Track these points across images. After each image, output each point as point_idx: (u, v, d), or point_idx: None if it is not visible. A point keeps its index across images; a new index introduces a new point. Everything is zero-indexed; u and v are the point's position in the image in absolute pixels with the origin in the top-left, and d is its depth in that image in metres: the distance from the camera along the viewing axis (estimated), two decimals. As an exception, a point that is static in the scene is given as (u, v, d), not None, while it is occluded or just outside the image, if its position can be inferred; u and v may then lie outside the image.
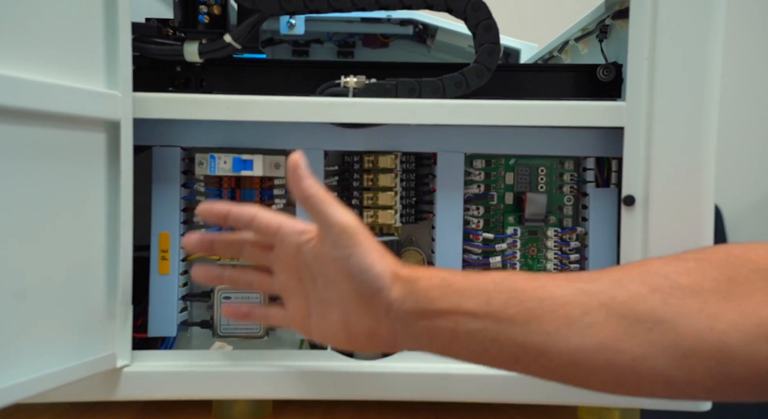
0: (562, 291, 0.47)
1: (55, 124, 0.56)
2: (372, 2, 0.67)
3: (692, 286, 0.45)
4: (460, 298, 0.48)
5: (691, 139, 0.63)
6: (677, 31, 0.63)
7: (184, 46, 0.67)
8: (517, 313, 0.47)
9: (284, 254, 0.54)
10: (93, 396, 0.63)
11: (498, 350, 0.47)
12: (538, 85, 0.73)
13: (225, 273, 0.58)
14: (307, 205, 0.52)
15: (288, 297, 0.56)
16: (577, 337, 0.46)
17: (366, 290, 0.50)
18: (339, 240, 0.50)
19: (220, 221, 0.56)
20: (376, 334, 0.51)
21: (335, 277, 0.51)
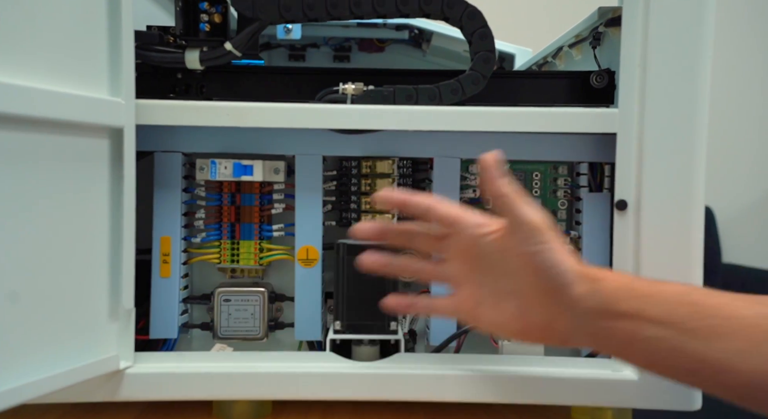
0: (747, 312, 0.47)
1: (60, 130, 0.57)
2: (370, 11, 0.68)
3: None
4: (643, 303, 0.49)
5: (681, 144, 0.64)
6: (668, 39, 0.64)
7: (185, 54, 0.68)
8: (700, 327, 0.47)
9: (459, 244, 0.56)
10: (96, 397, 0.64)
11: (675, 360, 0.48)
12: (532, 92, 0.74)
13: (394, 261, 0.60)
14: (500, 203, 0.54)
15: (459, 286, 0.58)
16: (760, 360, 0.46)
17: (551, 285, 0.52)
18: (530, 237, 0.52)
19: (397, 208, 0.59)
20: (552, 328, 0.53)
21: (518, 271, 0.53)
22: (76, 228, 0.59)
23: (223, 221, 0.71)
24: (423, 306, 0.62)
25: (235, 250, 0.72)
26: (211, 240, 0.72)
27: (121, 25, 0.61)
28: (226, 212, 0.71)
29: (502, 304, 0.55)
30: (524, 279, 0.53)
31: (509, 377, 0.66)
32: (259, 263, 0.72)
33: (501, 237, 0.55)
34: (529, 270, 0.53)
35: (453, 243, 0.57)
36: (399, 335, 0.68)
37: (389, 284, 0.68)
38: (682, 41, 0.64)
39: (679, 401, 0.64)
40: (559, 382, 0.66)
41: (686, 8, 0.64)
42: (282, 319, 0.73)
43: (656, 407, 0.65)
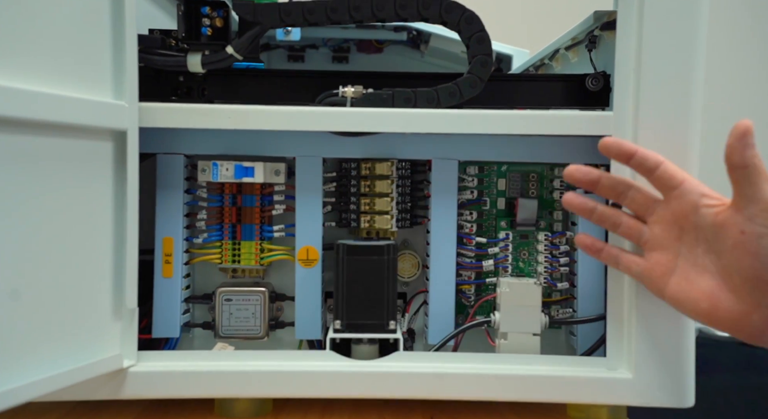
0: None
1: (64, 133, 0.58)
2: (369, 15, 0.69)
3: None
4: None
5: (675, 147, 0.65)
6: (662, 43, 0.65)
7: (187, 58, 0.69)
8: None
9: (675, 208, 0.55)
10: (100, 395, 0.65)
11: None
12: (529, 94, 0.76)
13: (598, 208, 0.61)
14: (741, 174, 0.51)
15: (655, 249, 0.56)
16: None
17: (766, 273, 0.49)
18: (759, 217, 0.49)
19: (624, 159, 0.58)
20: (746, 320, 0.51)
21: (732, 249, 0.51)
22: (80, 229, 0.60)
23: (224, 222, 0.73)
24: (611, 255, 0.61)
25: (236, 251, 0.73)
26: (212, 241, 0.73)
27: (125, 29, 0.62)
28: (228, 213, 0.72)
29: (697, 280, 0.53)
30: (736, 259, 0.51)
31: (506, 375, 0.67)
32: (260, 263, 0.73)
33: (725, 211, 0.52)
34: (745, 251, 0.50)
35: (666, 206, 0.55)
36: (398, 334, 0.69)
37: (387, 284, 0.69)
38: (676, 46, 0.65)
39: (672, 398, 0.65)
40: (555, 380, 0.67)
41: (680, 13, 0.65)
42: (282, 318, 0.75)
43: (650, 404, 0.66)
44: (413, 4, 0.69)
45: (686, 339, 0.66)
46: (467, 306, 0.74)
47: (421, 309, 0.76)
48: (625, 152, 0.58)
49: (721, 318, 0.53)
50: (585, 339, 0.71)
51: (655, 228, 0.56)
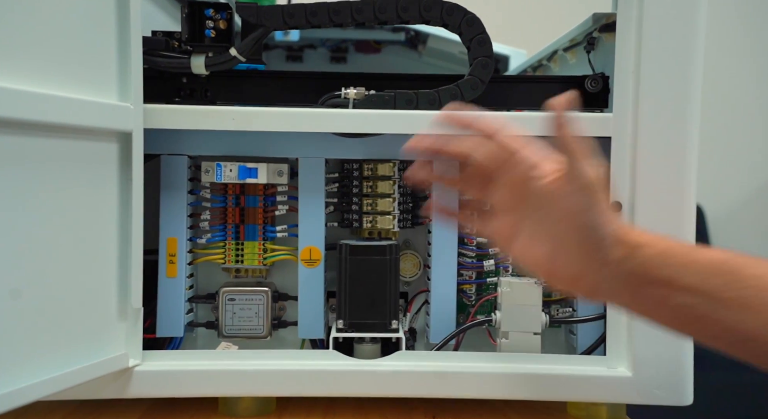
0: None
1: (71, 135, 0.58)
2: (371, 17, 0.70)
3: None
4: (677, 272, 0.49)
5: (674, 148, 0.66)
6: (661, 46, 0.66)
7: (191, 59, 0.70)
8: (732, 297, 0.48)
9: (510, 177, 0.56)
10: (106, 393, 0.65)
11: (703, 327, 0.50)
12: (528, 95, 0.76)
13: (445, 176, 0.62)
14: (563, 150, 0.53)
15: (502, 212, 0.57)
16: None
17: (589, 245, 0.52)
18: (580, 193, 0.51)
19: (462, 128, 0.59)
20: (581, 279, 0.53)
21: (560, 221, 0.53)
22: (87, 229, 0.61)
23: (227, 222, 0.73)
24: (464, 219, 0.63)
25: (239, 251, 0.73)
26: (216, 241, 0.73)
27: (130, 32, 0.63)
28: (231, 213, 0.73)
29: (537, 243, 0.55)
30: (564, 230, 0.53)
31: (507, 374, 0.68)
32: (263, 263, 0.74)
33: (552, 183, 0.54)
34: (571, 224, 0.52)
35: (507, 175, 0.57)
36: (400, 333, 0.70)
37: (389, 283, 0.69)
38: (675, 48, 0.66)
39: (671, 397, 0.66)
40: (555, 379, 0.68)
41: (679, 17, 0.66)
42: (285, 318, 0.75)
43: (649, 402, 0.67)
44: (415, 6, 0.70)
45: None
46: (468, 305, 0.75)
47: (422, 308, 0.77)
48: (462, 122, 0.59)
49: (561, 280, 0.55)
50: (585, 338, 0.72)
51: (499, 193, 0.58)
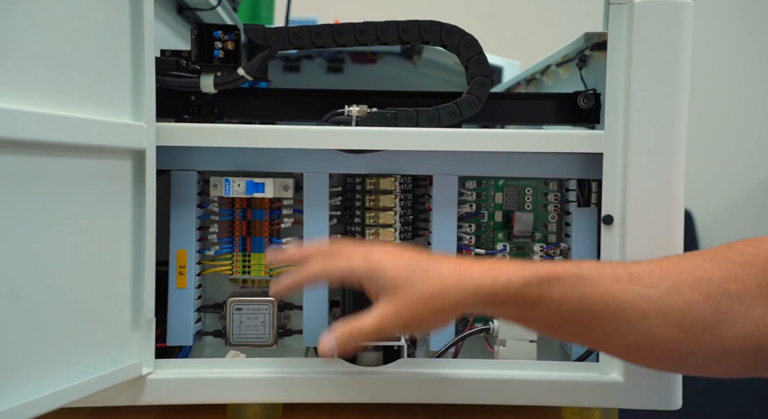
0: (625, 295, 0.54)
1: (89, 154, 0.61)
2: (373, 38, 0.73)
3: (739, 293, 0.53)
4: (532, 308, 0.56)
5: (663, 163, 0.69)
6: (650, 65, 0.69)
7: (200, 79, 0.72)
8: (583, 318, 0.55)
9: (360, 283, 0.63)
10: (120, 401, 0.68)
11: (565, 337, 0.61)
12: (524, 112, 0.80)
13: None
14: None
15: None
16: (633, 337, 0.54)
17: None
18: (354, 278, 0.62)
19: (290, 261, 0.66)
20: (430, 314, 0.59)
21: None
22: (102, 244, 0.64)
23: (235, 235, 0.76)
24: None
25: (246, 262, 0.76)
26: (223, 253, 0.76)
27: (144, 54, 0.66)
28: (238, 226, 0.76)
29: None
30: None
31: (504, 380, 0.71)
32: (269, 274, 0.76)
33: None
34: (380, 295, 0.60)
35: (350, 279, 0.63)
36: (401, 341, 0.73)
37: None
38: (663, 67, 0.69)
39: (660, 401, 0.70)
40: (550, 384, 0.71)
41: (667, 37, 0.69)
42: (290, 327, 0.78)
43: (640, 407, 0.70)
44: (415, 28, 0.73)
45: (674, 345, 0.70)
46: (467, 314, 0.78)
47: (422, 317, 0.79)
48: (286, 259, 0.68)
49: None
50: (578, 346, 0.75)
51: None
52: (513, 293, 0.56)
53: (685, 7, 0.68)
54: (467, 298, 0.56)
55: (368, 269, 0.60)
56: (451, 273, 0.57)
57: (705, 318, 0.53)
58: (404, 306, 0.57)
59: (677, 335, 0.53)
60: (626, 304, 0.54)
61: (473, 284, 0.56)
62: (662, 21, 0.68)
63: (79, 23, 0.60)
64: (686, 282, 0.54)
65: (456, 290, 0.57)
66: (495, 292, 0.56)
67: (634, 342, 0.55)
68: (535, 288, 0.56)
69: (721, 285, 0.53)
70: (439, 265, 0.58)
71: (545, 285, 0.56)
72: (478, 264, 0.58)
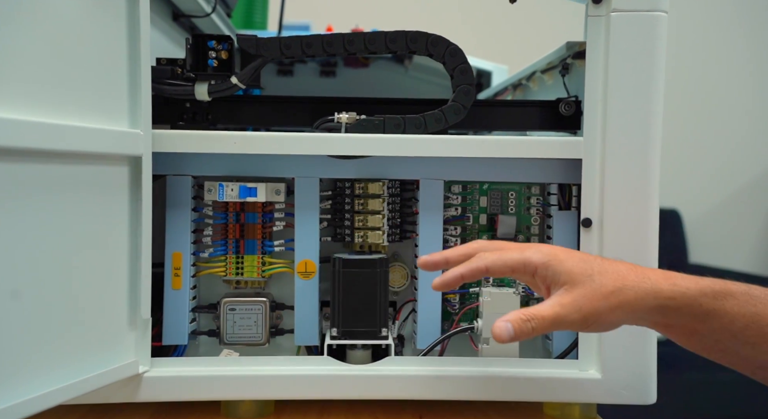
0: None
1: (87, 161, 0.64)
2: (362, 48, 0.76)
3: None
4: (705, 319, 0.57)
5: (638, 169, 0.72)
6: (626, 75, 0.72)
7: (195, 87, 0.75)
8: (752, 336, 0.56)
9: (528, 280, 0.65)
10: (118, 398, 0.71)
11: (721, 356, 0.59)
12: (508, 118, 0.82)
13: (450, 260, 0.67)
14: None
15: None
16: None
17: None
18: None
19: (443, 265, 0.66)
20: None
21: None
22: (100, 247, 0.66)
23: (228, 238, 0.78)
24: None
25: (239, 264, 0.79)
26: (217, 255, 0.79)
27: (140, 63, 0.68)
28: (232, 229, 0.78)
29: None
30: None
31: (488, 377, 0.74)
32: (262, 275, 0.79)
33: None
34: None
35: (521, 278, 0.66)
36: (389, 340, 0.75)
37: (380, 294, 0.75)
38: (638, 76, 0.72)
39: (636, 397, 0.73)
40: (532, 381, 0.74)
41: (641, 46, 0.72)
42: (282, 326, 0.81)
43: (617, 402, 0.73)
44: (402, 38, 0.76)
45: (649, 344, 0.73)
46: (452, 313, 0.81)
47: (410, 316, 0.82)
48: (439, 263, 0.67)
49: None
50: (559, 344, 0.78)
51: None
52: (690, 300, 0.56)
53: (659, 19, 0.71)
54: (645, 299, 0.57)
55: (545, 259, 0.60)
56: (629, 272, 0.58)
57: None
58: (583, 298, 0.57)
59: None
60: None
61: (651, 285, 0.57)
62: (637, 32, 0.71)
63: (77, 34, 0.63)
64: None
65: (635, 289, 0.57)
66: (672, 297, 0.56)
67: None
68: (710, 300, 0.56)
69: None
70: (616, 264, 0.59)
71: (720, 299, 0.56)
72: (652, 269, 0.59)
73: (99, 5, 0.65)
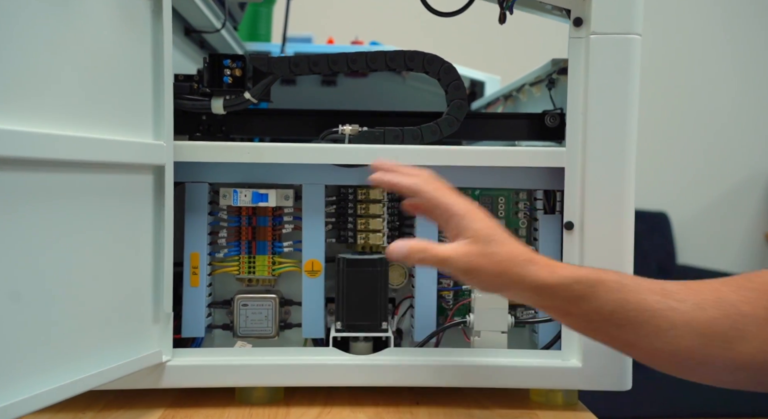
0: (657, 305, 0.63)
1: (117, 170, 0.71)
2: (364, 66, 0.83)
3: (751, 314, 0.62)
4: (578, 302, 0.64)
5: (615, 177, 0.79)
6: (604, 91, 0.79)
7: (211, 102, 0.82)
8: (620, 319, 0.63)
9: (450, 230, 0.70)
10: (143, 384, 0.78)
11: (596, 334, 0.67)
12: (499, 130, 0.90)
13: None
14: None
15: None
16: (660, 343, 0.63)
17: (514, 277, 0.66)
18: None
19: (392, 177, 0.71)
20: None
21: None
22: (127, 248, 0.73)
23: (241, 239, 0.86)
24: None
25: (251, 263, 0.86)
26: (231, 255, 0.86)
27: (164, 82, 0.76)
28: (244, 232, 0.85)
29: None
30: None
31: (479, 366, 0.81)
32: (272, 274, 0.86)
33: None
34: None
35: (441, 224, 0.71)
36: (389, 333, 0.83)
37: (380, 291, 0.82)
38: (615, 92, 0.79)
39: (614, 383, 0.80)
40: (519, 370, 0.81)
41: (617, 66, 0.78)
42: (291, 320, 0.88)
43: (596, 389, 0.80)
44: (400, 57, 0.83)
45: (625, 334, 0.80)
46: (447, 309, 0.88)
47: (408, 311, 0.89)
48: (389, 170, 0.72)
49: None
50: (544, 336, 0.85)
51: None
52: (564, 285, 0.64)
53: (633, 41, 0.78)
54: (525, 277, 0.64)
55: (463, 212, 0.67)
56: (522, 252, 0.65)
57: (724, 333, 0.61)
58: (475, 254, 0.65)
59: (698, 345, 0.61)
60: (658, 313, 0.62)
61: (535, 269, 0.64)
62: (613, 52, 0.78)
63: (109, 57, 0.70)
64: (708, 301, 0.63)
65: (520, 266, 0.64)
66: (548, 281, 0.64)
67: (660, 347, 0.63)
68: (583, 286, 0.64)
69: (736, 306, 0.62)
70: (517, 244, 0.66)
71: (591, 286, 0.64)
72: (542, 257, 0.67)
73: (128, 30, 0.72)
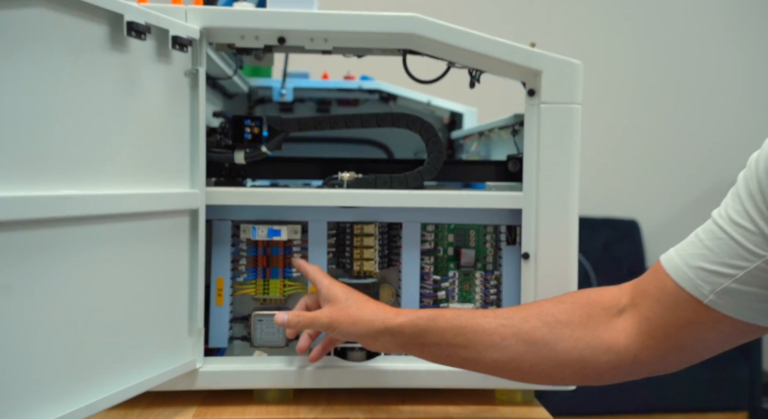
0: (489, 325, 0.81)
1: (160, 217, 0.88)
2: (358, 125, 1.01)
3: (566, 320, 0.80)
4: (423, 334, 0.83)
5: (561, 216, 0.97)
6: (551, 146, 0.97)
7: (234, 154, 1.00)
8: (461, 341, 0.81)
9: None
10: (180, 387, 0.95)
11: (449, 361, 0.84)
12: (471, 173, 1.08)
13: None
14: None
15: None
16: (498, 354, 0.80)
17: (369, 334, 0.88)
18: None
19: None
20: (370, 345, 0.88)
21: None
22: (169, 277, 0.91)
23: (258, 266, 1.03)
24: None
25: (266, 286, 1.03)
26: (249, 279, 1.03)
27: (199, 140, 0.93)
28: (260, 260, 1.03)
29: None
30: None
31: (454, 371, 0.97)
32: (283, 294, 1.04)
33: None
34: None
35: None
36: (380, 343, 1.00)
37: (373, 308, 1.00)
38: (560, 149, 0.97)
39: (561, 384, 0.98)
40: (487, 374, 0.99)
41: (562, 127, 0.97)
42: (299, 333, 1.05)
43: (545, 388, 0.98)
44: (389, 118, 1.01)
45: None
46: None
47: (395, 324, 1.07)
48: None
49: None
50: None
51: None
52: (408, 322, 0.83)
53: (575, 109, 0.96)
54: (375, 320, 0.84)
55: (329, 283, 0.92)
56: (375, 306, 0.87)
57: (544, 337, 0.79)
58: (335, 311, 0.87)
59: (527, 351, 0.79)
60: (492, 330, 0.80)
61: (383, 314, 0.85)
62: (559, 117, 0.97)
63: (159, 127, 0.88)
64: (532, 315, 0.81)
65: (370, 313, 0.85)
66: (394, 321, 0.83)
67: (499, 358, 0.79)
68: (425, 320, 0.83)
69: (555, 315, 0.80)
70: (370, 301, 0.88)
71: (432, 319, 0.83)
72: (392, 308, 0.87)
73: (172, 103, 0.90)
